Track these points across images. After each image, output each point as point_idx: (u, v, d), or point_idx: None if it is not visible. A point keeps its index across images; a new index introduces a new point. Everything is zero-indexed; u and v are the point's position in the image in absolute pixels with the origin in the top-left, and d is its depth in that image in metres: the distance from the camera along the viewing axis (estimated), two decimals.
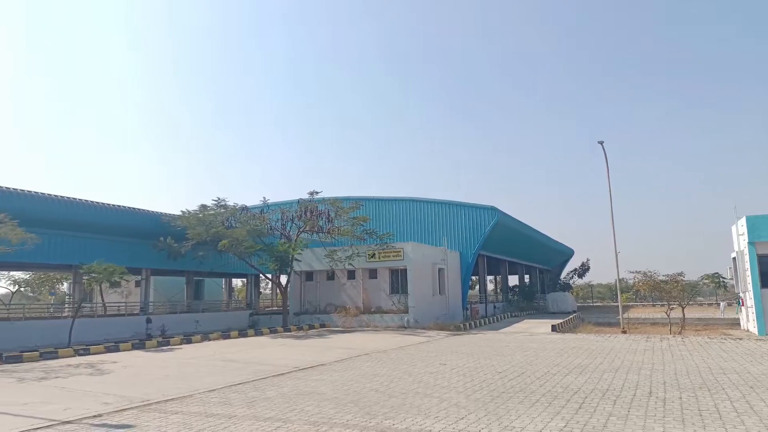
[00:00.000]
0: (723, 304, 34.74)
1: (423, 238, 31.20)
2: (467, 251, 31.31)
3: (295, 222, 28.22)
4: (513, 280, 48.98)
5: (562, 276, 59.66)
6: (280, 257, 26.27)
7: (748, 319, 21.47)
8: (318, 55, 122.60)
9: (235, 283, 47.05)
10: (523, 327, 25.08)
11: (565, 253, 57.59)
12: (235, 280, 43.78)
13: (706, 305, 43.20)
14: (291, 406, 8.45)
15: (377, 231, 28.15)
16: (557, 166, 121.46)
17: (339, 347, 17.61)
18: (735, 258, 21.85)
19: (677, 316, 21.71)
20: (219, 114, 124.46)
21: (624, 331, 21.04)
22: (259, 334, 23.61)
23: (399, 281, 27.41)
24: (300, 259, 27.66)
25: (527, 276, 50.55)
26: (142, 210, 26.07)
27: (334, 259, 26.97)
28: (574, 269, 59.82)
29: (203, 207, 27.50)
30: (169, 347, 18.88)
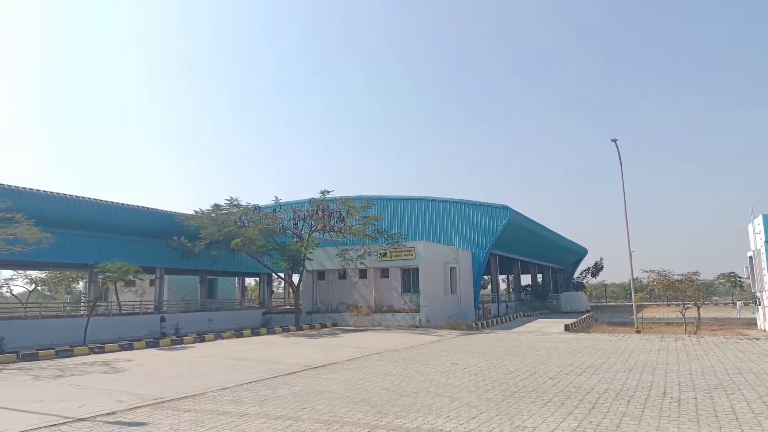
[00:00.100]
0: (739, 303, 34.23)
1: (434, 237, 31.14)
2: (479, 250, 31.19)
3: (307, 221, 28.32)
4: (525, 279, 48.73)
5: (575, 275, 59.26)
6: (292, 256, 26.38)
7: (765, 319, 21.15)
8: (331, 55, 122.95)
9: (248, 282, 47.30)
10: (536, 326, 24.93)
11: (579, 253, 57.16)
12: (248, 279, 44.03)
13: (722, 305, 42.61)
14: (302, 404, 8.47)
15: (389, 230, 28.16)
16: (571, 164, 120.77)
17: (351, 346, 17.63)
18: (751, 257, 21.54)
19: (692, 315, 21.45)
20: (230, 114, 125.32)
21: (638, 331, 20.84)
22: (272, 332, 23.73)
23: (411, 280, 27.39)
24: (312, 258, 27.75)
25: (540, 275, 50.25)
26: (156, 210, 26.35)
27: (345, 258, 27.01)
28: (587, 268, 59.45)
29: (216, 206, 27.72)
30: (183, 346, 19.03)
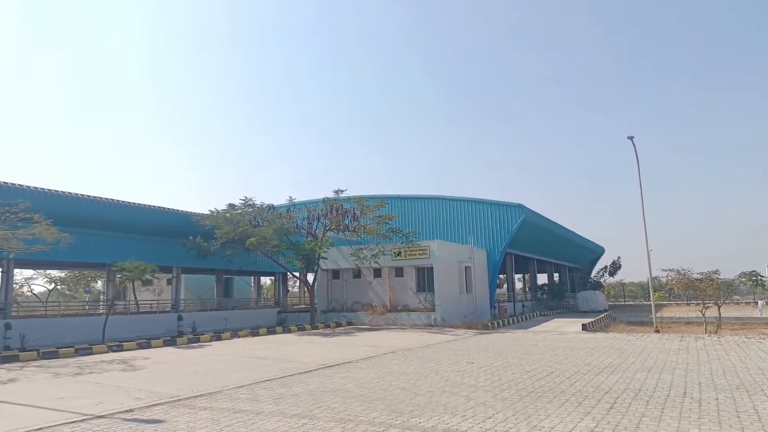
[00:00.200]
0: (761, 302, 33.62)
1: (449, 236, 31.02)
2: (494, 249, 31.01)
3: (321, 220, 28.41)
4: (542, 278, 48.36)
5: (592, 274, 58.70)
6: (306, 255, 26.47)
7: None
8: (344, 53, 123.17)
9: (264, 282, 47.58)
10: (553, 326, 24.72)
11: (596, 251, 56.60)
12: (264, 278, 44.28)
13: (743, 304, 41.92)
14: (317, 403, 8.48)
15: (403, 229, 28.12)
16: (587, 162, 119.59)
17: (366, 345, 17.63)
18: None
19: (713, 314, 21.10)
20: (244, 114, 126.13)
21: (657, 330, 20.56)
22: (287, 331, 23.83)
23: (425, 279, 27.32)
24: (326, 258, 27.81)
25: (556, 274, 49.84)
26: (172, 209, 26.61)
27: (360, 258, 27.03)
28: (604, 267, 58.87)
29: (231, 206, 27.90)
30: (200, 344, 19.19)
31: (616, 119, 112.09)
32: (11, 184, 19.42)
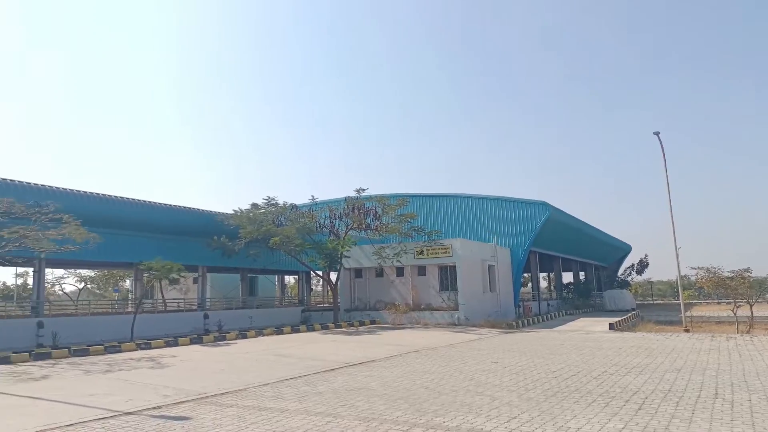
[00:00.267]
0: None
1: (472, 234, 30.80)
2: (518, 248, 30.69)
3: (343, 219, 28.51)
4: (567, 277, 47.68)
5: (619, 273, 57.70)
6: (329, 254, 26.59)
7: None
8: (362, 49, 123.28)
9: (288, 280, 47.99)
10: (579, 325, 24.37)
11: (622, 249, 55.60)
12: (287, 277, 44.67)
13: None
14: (341, 401, 8.50)
15: (425, 228, 28.04)
16: (613, 158, 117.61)
17: (389, 344, 17.62)
18: None
19: (745, 314, 20.55)
20: (263, 112, 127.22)
21: (687, 330, 20.12)
22: (311, 330, 23.98)
23: (448, 278, 27.19)
24: (349, 256, 27.89)
25: (582, 273, 49.09)
26: (197, 209, 27.03)
27: (382, 256, 27.03)
28: (631, 265, 57.76)
29: (254, 206, 28.19)
30: (225, 342, 19.42)
31: (640, 116, 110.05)
32: (41, 185, 19.94)
